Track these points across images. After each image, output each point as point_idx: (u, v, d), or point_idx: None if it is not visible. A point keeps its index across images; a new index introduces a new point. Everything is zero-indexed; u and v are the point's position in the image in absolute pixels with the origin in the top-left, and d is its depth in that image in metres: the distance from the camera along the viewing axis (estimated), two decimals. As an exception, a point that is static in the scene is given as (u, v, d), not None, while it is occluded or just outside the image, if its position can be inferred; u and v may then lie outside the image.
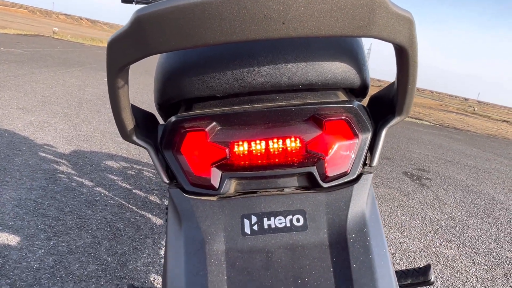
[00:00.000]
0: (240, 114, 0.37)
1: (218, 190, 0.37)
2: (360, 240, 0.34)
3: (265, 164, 0.37)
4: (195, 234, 0.35)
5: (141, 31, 0.29)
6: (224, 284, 0.32)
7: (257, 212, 0.35)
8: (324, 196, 0.36)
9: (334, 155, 0.37)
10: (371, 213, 0.36)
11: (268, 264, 0.33)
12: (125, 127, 0.39)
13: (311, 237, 0.34)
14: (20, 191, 2.26)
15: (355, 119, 0.38)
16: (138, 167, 3.07)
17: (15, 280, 1.52)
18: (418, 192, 3.74)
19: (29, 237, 1.83)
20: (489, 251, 2.62)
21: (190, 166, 0.37)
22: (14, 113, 3.97)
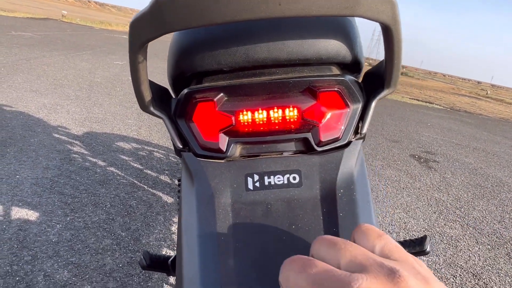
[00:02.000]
0: (244, 86, 0.42)
1: (225, 153, 0.42)
2: (347, 195, 0.39)
3: (266, 130, 0.42)
4: (206, 190, 0.40)
5: (159, 12, 0.33)
6: (230, 229, 0.37)
7: (259, 172, 0.40)
8: (317, 159, 0.41)
9: (327, 122, 0.42)
10: (359, 173, 0.41)
11: (268, 214, 0.38)
12: (143, 99, 0.44)
13: (305, 192, 0.39)
14: (37, 170, 2.35)
15: (346, 91, 0.43)
16: (149, 148, 3.15)
17: (36, 252, 1.62)
18: (425, 175, 3.76)
19: (47, 213, 1.92)
20: (493, 231, 2.66)
21: (201, 132, 0.43)
22: (28, 95, 4.06)
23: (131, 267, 1.63)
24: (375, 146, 4.58)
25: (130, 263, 1.66)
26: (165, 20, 0.34)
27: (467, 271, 2.07)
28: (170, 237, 1.92)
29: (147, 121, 3.94)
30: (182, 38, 0.47)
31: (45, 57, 6.70)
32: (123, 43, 12.92)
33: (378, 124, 6.15)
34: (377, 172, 3.59)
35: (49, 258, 1.60)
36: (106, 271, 1.58)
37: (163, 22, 0.34)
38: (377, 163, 3.88)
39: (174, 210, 2.19)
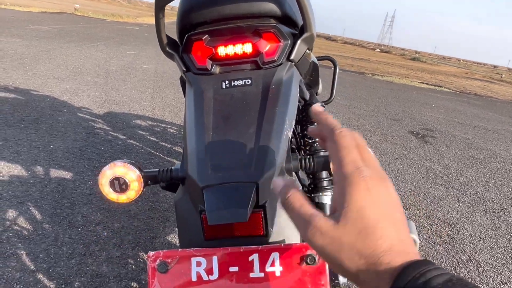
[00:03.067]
0: (220, 30, 0.72)
1: (210, 71, 0.72)
2: (276, 90, 0.68)
3: (233, 56, 0.72)
4: (199, 91, 0.70)
5: None
6: (212, 107, 0.68)
7: (228, 79, 0.70)
8: (262, 71, 0.71)
9: (268, 51, 0.71)
10: (286, 81, 0.70)
11: (232, 99, 0.68)
12: (163, 43, 0.75)
13: (253, 89, 0.69)
14: (67, 142, 2.71)
15: (278, 32, 0.72)
16: (163, 125, 3.48)
17: (73, 201, 1.96)
18: (420, 148, 4.01)
19: (79, 173, 2.27)
20: (475, 192, 2.92)
21: (196, 60, 0.73)
22: (51, 82, 4.42)
23: (152, 212, 1.97)
24: (375, 124, 4.83)
25: (150, 209, 1.99)
26: None
27: (444, 221, 2.35)
28: (183, 193, 2.25)
29: (160, 103, 4.28)
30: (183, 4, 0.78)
31: (62, 48, 7.09)
32: (135, 34, 13.28)
33: (381, 105, 6.37)
34: (374, 145, 3.85)
35: (84, 204, 1.94)
36: (131, 215, 1.91)
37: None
38: (375, 138, 4.14)
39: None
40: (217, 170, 0.59)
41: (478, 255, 2.01)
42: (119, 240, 1.69)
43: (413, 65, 23.82)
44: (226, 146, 0.62)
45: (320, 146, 0.47)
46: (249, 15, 0.75)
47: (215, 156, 0.61)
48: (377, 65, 17.80)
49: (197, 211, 0.60)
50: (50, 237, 1.65)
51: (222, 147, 0.62)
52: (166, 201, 2.10)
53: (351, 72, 12.09)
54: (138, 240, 1.72)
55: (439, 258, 1.94)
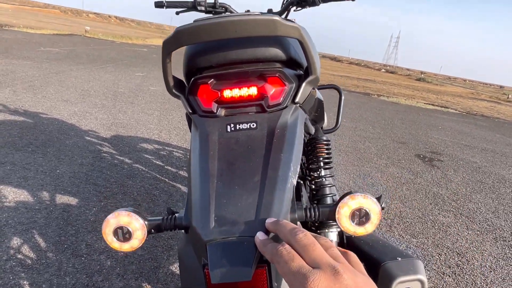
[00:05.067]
0: (225, 74, 0.74)
1: (215, 114, 0.73)
2: (280, 133, 0.68)
3: (238, 100, 0.72)
4: (204, 132, 0.71)
5: (177, 36, 0.65)
6: (216, 152, 0.68)
7: (233, 122, 0.71)
8: (267, 115, 0.71)
9: (273, 94, 0.72)
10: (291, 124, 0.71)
11: (237, 144, 0.68)
12: (169, 85, 0.76)
13: (258, 133, 0.69)
14: (73, 166, 2.72)
15: (283, 76, 0.73)
16: (169, 149, 3.49)
17: (78, 228, 1.96)
18: (427, 172, 3.97)
19: (84, 199, 2.27)
20: (485, 220, 2.86)
21: (202, 102, 0.74)
22: (60, 104, 4.49)
23: (156, 240, 1.95)
24: (381, 147, 4.81)
25: (154, 237, 1.98)
26: (180, 40, 0.66)
27: (453, 250, 2.30)
28: (188, 219, 2.23)
29: (167, 126, 4.31)
30: (189, 49, 0.79)
31: (72, 71, 7.22)
32: (143, 56, 13.53)
33: (387, 127, 6.36)
34: (380, 169, 3.83)
35: (88, 232, 1.93)
36: (135, 243, 1.90)
37: (179, 41, 0.66)
38: (382, 162, 4.11)
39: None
40: (221, 223, 0.59)
41: (489, 287, 1.96)
42: (122, 270, 1.68)
43: (418, 86, 23.88)
44: (231, 196, 0.62)
45: None
46: (254, 60, 0.76)
47: (219, 207, 0.60)
48: (382, 86, 17.88)
49: (201, 264, 0.60)
50: (54, 266, 1.64)
51: (227, 197, 0.62)
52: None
53: (356, 93, 12.14)
54: (141, 270, 1.70)
55: (448, 290, 1.89)
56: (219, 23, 0.63)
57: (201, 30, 0.64)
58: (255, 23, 0.63)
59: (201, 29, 0.63)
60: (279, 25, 0.64)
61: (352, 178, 3.42)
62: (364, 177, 3.51)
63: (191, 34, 0.65)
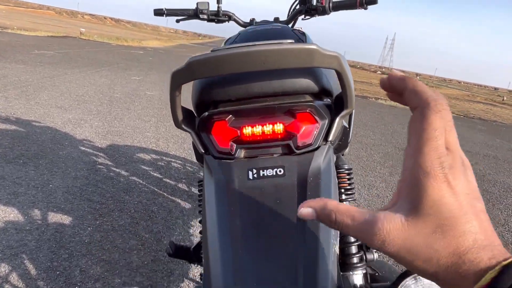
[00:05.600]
0: (245, 110, 0.62)
1: (233, 155, 0.61)
2: (314, 181, 0.57)
3: (261, 139, 0.61)
4: (221, 181, 0.59)
5: (190, 68, 0.53)
6: (237, 207, 0.56)
7: (256, 167, 0.59)
8: (296, 158, 0.60)
9: (303, 133, 0.60)
10: (325, 168, 0.59)
11: (262, 195, 0.57)
12: (178, 119, 0.64)
13: (287, 180, 0.57)
14: (67, 180, 2.59)
15: (315, 111, 0.61)
16: (167, 159, 3.37)
17: (71, 251, 1.83)
18: (432, 181, 3.87)
19: (79, 217, 2.14)
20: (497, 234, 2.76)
21: (217, 141, 0.62)
22: (54, 111, 4.35)
23: (155, 264, 1.83)
24: (383, 155, 4.71)
25: (154, 260, 1.85)
26: (194, 72, 0.54)
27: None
28: (189, 239, 2.11)
29: (164, 133, 4.18)
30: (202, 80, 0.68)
31: (66, 75, 7.07)
32: (139, 59, 13.38)
33: (388, 132, 6.27)
34: (384, 178, 3.72)
35: (83, 256, 1.81)
36: (133, 268, 1.77)
37: (193, 73, 0.54)
38: (385, 171, 4.01)
39: (192, 215, 2.38)
40: None
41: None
42: (119, 301, 1.55)
43: (415, 88, 23.80)
44: (260, 269, 0.50)
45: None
46: (280, 94, 0.64)
47: (246, 285, 0.49)
48: (379, 89, 17.73)
49: None
50: (45, 297, 1.51)
51: (255, 271, 0.50)
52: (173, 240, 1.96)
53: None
54: (140, 300, 1.58)
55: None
56: (243, 54, 0.51)
57: (221, 62, 0.52)
58: (289, 53, 0.51)
59: (221, 60, 0.52)
60: (317, 55, 0.52)
61: (357, 189, 3.31)
62: (369, 188, 3.40)
63: (209, 67, 0.53)
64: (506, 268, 0.27)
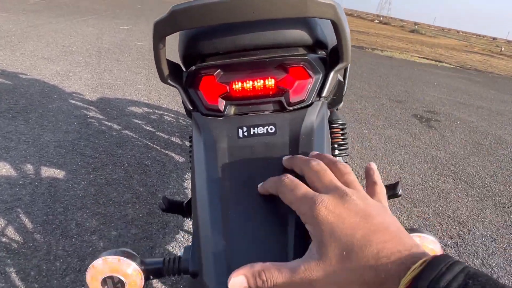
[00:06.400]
0: (235, 64, 0.58)
1: (223, 112, 0.58)
2: (307, 139, 0.55)
3: (252, 95, 0.58)
4: (210, 139, 0.57)
5: (173, 17, 0.49)
6: (227, 165, 0.54)
7: (246, 125, 0.57)
8: (288, 115, 0.57)
9: (295, 89, 0.57)
10: (318, 126, 0.57)
11: (253, 154, 0.55)
12: (163, 74, 0.60)
13: (278, 139, 0.55)
14: (58, 134, 2.56)
15: (309, 65, 0.58)
16: (160, 112, 3.32)
17: (66, 205, 1.84)
18: (425, 133, 3.90)
19: (72, 171, 2.14)
20: (484, 185, 2.83)
21: (206, 98, 0.59)
22: (41, 63, 4.21)
23: (150, 216, 1.86)
24: (378, 107, 4.69)
25: (149, 213, 1.88)
26: (177, 22, 0.49)
27: (454, 219, 2.26)
28: (183, 192, 2.13)
29: (156, 86, 4.09)
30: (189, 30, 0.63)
31: (51, 23, 6.77)
32: (127, 5, 12.79)
33: (383, 84, 6.20)
34: (378, 132, 3.73)
35: (78, 209, 1.83)
36: (128, 220, 1.80)
37: (176, 23, 0.50)
38: (379, 124, 4.01)
39: (185, 168, 2.39)
40: None
41: (491, 258, 1.94)
42: (116, 252, 1.59)
43: (412, 38, 23.35)
44: (250, 228, 0.49)
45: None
46: (272, 46, 0.60)
47: (237, 247, 0.48)
48: (376, 39, 17.42)
49: None
50: (42, 250, 1.54)
51: (245, 231, 0.49)
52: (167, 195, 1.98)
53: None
54: (136, 251, 1.61)
55: (451, 263, 1.86)
56: (230, 3, 0.47)
57: (206, 12, 0.48)
58: (281, 2, 0.47)
59: (206, 9, 0.47)
60: (311, 3, 0.48)
61: (351, 142, 3.33)
62: (363, 141, 3.41)
63: (193, 17, 0.49)
64: (420, 273, 0.29)
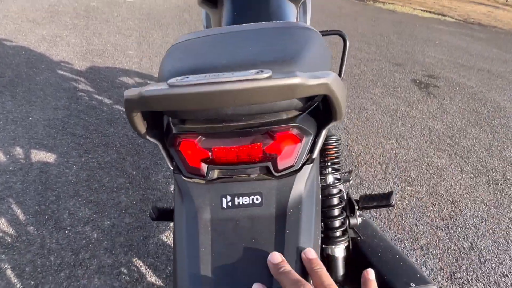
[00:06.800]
0: (218, 133, 0.53)
1: (205, 177, 0.54)
2: (294, 215, 0.52)
3: (236, 161, 0.53)
4: (191, 208, 0.54)
5: (144, 100, 0.44)
6: (209, 240, 0.52)
7: (231, 193, 0.53)
8: (275, 182, 0.53)
9: (283, 154, 0.53)
10: (307, 196, 0.54)
11: (237, 228, 0.52)
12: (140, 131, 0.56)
13: (264, 211, 0.52)
14: (48, 111, 2.49)
15: (298, 130, 0.53)
16: (152, 83, 3.22)
17: (58, 192, 1.83)
18: (423, 101, 3.83)
19: (63, 154, 2.10)
20: (479, 160, 2.83)
21: (187, 160, 0.55)
22: (25, 26, 4.01)
23: (144, 203, 1.85)
24: (377, 72, 4.57)
25: (142, 200, 1.88)
26: (148, 105, 0.44)
27: (447, 199, 2.28)
28: (177, 174, 2.11)
29: (147, 51, 3.94)
30: None
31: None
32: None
33: (383, 44, 6.01)
34: (376, 101, 3.66)
35: (70, 197, 1.82)
36: (121, 208, 1.80)
37: (147, 105, 0.45)
38: (377, 91, 3.93)
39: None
40: None
41: (480, 241, 1.98)
42: (110, 244, 1.60)
43: (416, -12, 22.34)
44: None
45: None
46: (259, 113, 0.54)
47: None
48: (378, -11, 16.66)
49: None
50: (36, 243, 1.55)
51: None
52: (159, 187, 1.98)
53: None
54: (130, 243, 1.62)
55: (441, 247, 1.90)
56: (208, 93, 0.41)
57: (181, 100, 0.42)
58: (266, 91, 0.41)
59: (180, 98, 0.42)
60: (301, 88, 0.42)
61: (347, 112, 3.28)
62: (360, 111, 3.36)
63: (166, 103, 0.43)
64: None
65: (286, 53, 0.53)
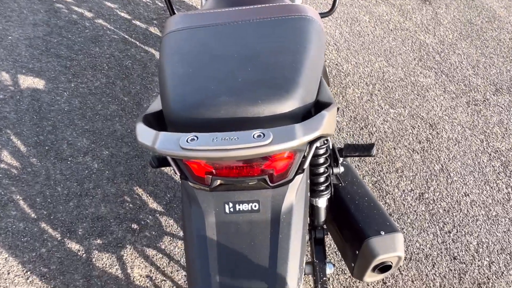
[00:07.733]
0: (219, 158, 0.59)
1: (210, 186, 0.62)
2: (286, 221, 0.61)
3: (237, 176, 0.61)
4: (199, 209, 0.63)
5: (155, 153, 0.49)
6: (214, 241, 0.62)
7: (232, 200, 0.62)
8: (271, 191, 0.62)
9: (278, 170, 0.60)
10: (298, 203, 0.63)
11: (238, 231, 0.62)
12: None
13: (261, 216, 0.62)
14: (27, 28, 2.37)
15: (292, 150, 0.59)
16: (133, -10, 2.99)
17: (54, 122, 1.88)
18: (418, 10, 3.70)
19: (51, 80, 2.08)
20: (463, 78, 2.89)
21: (193, 170, 0.62)
22: None
23: (138, 132, 1.93)
24: (373, -28, 4.27)
25: (136, 128, 1.94)
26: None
27: (426, 121, 2.41)
28: (168, 100, 2.15)
29: None
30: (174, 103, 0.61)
31: None
32: None
33: None
34: (369, 10, 3.52)
35: (66, 127, 1.87)
36: (118, 137, 1.88)
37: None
38: (372, -2, 3.74)
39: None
40: None
41: (450, 163, 2.17)
42: (111, 174, 1.72)
43: None
44: None
45: None
46: None
47: None
48: None
49: None
50: (42, 175, 1.66)
51: None
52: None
53: None
54: (130, 172, 1.75)
55: (414, 169, 2.09)
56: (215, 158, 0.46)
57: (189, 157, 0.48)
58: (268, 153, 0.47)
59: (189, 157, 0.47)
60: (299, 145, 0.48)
61: (339, 24, 3.18)
62: (351, 23, 3.26)
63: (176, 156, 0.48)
64: None
65: (280, 82, 0.57)
